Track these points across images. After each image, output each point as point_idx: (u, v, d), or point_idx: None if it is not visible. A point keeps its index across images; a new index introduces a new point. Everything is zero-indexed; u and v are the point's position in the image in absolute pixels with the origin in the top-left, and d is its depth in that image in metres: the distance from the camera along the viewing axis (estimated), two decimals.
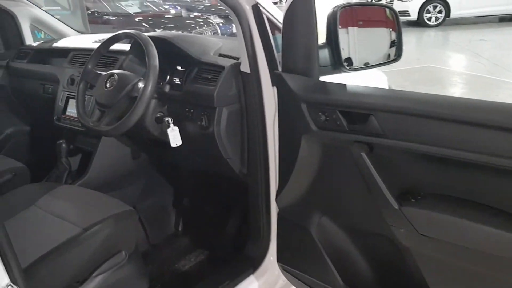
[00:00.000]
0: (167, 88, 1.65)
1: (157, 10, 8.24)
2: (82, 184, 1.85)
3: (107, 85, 1.58)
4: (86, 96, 1.77)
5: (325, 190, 1.36)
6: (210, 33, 7.13)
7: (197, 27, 7.31)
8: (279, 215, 1.53)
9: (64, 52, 2.08)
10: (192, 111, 1.62)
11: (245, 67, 1.48)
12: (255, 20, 1.43)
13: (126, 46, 1.85)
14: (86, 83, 1.70)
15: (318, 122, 1.25)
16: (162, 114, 1.67)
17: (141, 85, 1.54)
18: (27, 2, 2.32)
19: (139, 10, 7.86)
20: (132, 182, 2.07)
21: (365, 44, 1.45)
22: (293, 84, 1.32)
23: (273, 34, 1.47)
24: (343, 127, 1.19)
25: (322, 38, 1.33)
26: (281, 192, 1.48)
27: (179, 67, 1.71)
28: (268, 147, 1.52)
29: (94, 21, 6.90)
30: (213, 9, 8.46)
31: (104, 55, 1.80)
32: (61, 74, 2.02)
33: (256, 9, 1.43)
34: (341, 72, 1.40)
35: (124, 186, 2.03)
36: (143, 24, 7.08)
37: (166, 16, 8.03)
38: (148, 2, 8.29)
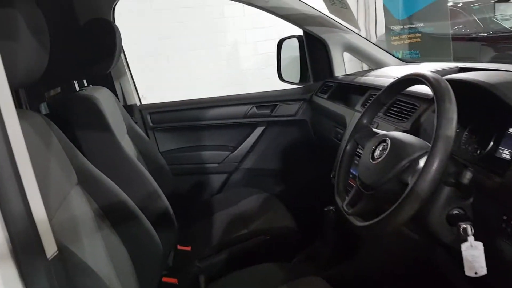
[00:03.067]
0: (476, 169, 0.94)
1: None
2: (345, 274, 1.36)
3: (375, 155, 1.03)
4: (357, 161, 1.27)
5: None
6: None
7: None
8: None
9: (362, 89, 1.61)
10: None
11: None
12: None
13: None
14: (356, 144, 1.19)
15: None
16: (460, 212, 0.97)
17: (421, 164, 0.91)
18: (342, 27, 1.98)
19: None
20: None
21: None
22: None
23: None
24: None
25: None
26: None
27: None
28: None
29: (459, 38, 6.15)
30: None
31: (400, 100, 1.25)
32: (350, 118, 1.57)
33: None
34: None
35: None
36: None
37: None
38: None
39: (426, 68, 1.59)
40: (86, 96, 1.42)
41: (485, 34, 6.32)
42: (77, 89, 1.51)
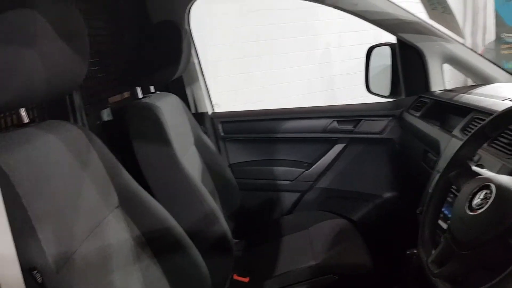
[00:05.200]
0: None
1: None
2: None
3: (473, 204, 0.79)
4: (451, 198, 1.03)
5: None
6: None
7: None
8: None
9: (463, 110, 1.34)
10: None
11: None
12: None
13: None
14: (449, 182, 0.95)
15: None
16: None
17: None
18: (443, 35, 1.69)
19: None
20: None
21: None
22: None
23: None
24: None
25: None
26: None
27: None
28: None
29: None
30: None
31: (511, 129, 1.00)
32: (446, 144, 1.31)
33: None
34: None
35: None
36: None
37: None
38: None
39: None
40: (145, 104, 1.33)
41: None
42: (140, 95, 1.43)
